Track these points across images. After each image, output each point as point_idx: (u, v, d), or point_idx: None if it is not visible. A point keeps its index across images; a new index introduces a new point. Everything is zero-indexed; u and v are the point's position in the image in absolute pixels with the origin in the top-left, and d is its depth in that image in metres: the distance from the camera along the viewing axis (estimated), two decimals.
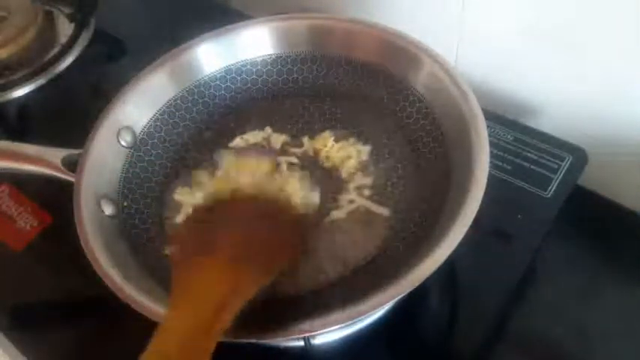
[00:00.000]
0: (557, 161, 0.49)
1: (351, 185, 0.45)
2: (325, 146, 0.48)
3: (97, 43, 0.68)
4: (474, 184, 0.38)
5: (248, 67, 0.52)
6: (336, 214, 0.44)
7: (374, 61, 0.49)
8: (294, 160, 0.47)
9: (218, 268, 0.34)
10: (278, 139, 0.49)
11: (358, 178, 0.46)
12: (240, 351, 0.35)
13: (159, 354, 0.30)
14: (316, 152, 0.48)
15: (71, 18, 0.69)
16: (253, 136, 0.50)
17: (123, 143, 0.48)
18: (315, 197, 0.45)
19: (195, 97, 0.52)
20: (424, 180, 0.44)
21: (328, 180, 0.46)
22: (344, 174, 0.46)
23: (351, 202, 0.44)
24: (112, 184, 0.46)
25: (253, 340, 0.34)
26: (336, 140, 0.48)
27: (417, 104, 0.47)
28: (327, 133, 0.48)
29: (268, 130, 0.50)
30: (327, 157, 0.47)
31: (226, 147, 0.49)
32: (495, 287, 0.45)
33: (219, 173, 0.47)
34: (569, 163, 0.49)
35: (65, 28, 0.69)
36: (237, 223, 0.40)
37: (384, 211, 0.43)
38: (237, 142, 0.50)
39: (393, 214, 0.43)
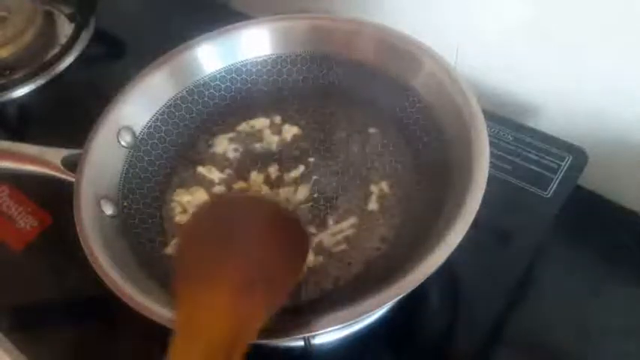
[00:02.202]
0: (557, 161, 0.49)
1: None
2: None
3: (97, 43, 0.68)
4: (474, 184, 0.38)
5: (248, 67, 0.52)
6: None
7: (374, 61, 0.49)
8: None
9: (225, 301, 0.32)
10: (290, 130, 0.49)
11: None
12: None
13: None
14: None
15: (71, 18, 0.69)
16: (259, 123, 0.50)
17: (123, 143, 0.48)
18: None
19: (195, 97, 0.52)
20: (424, 180, 0.44)
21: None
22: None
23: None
24: (112, 184, 0.46)
25: (253, 341, 0.34)
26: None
27: (417, 104, 0.47)
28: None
29: (278, 118, 0.51)
30: None
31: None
32: (495, 287, 0.45)
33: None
34: (569, 163, 0.49)
35: (65, 28, 0.69)
36: (244, 239, 0.36)
37: (384, 211, 0.44)
38: (243, 127, 0.50)
39: (394, 214, 0.43)
